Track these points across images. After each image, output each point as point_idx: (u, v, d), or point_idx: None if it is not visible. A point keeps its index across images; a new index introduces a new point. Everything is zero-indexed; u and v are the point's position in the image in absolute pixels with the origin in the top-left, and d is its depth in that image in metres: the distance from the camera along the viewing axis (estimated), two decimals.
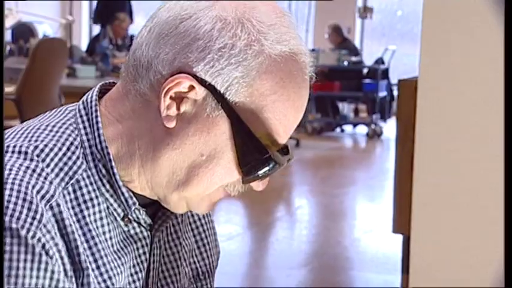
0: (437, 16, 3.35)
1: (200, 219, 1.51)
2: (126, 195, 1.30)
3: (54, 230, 1.22)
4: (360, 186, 9.45)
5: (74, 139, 1.29)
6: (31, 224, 1.19)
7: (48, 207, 1.22)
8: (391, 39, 15.31)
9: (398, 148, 5.59)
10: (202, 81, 1.24)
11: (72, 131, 1.30)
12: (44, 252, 1.20)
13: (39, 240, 1.19)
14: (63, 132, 1.30)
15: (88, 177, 1.28)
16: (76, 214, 1.26)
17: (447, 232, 3.40)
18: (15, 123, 3.06)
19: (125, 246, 1.32)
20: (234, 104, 1.25)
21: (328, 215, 7.90)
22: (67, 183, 1.26)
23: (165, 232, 1.41)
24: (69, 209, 1.26)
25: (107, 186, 1.30)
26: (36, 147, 1.27)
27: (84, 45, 13.29)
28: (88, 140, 1.29)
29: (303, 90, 1.30)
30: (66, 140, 1.29)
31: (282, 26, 1.27)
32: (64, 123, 1.31)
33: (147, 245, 1.35)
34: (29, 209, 1.20)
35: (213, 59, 1.24)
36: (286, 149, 1.33)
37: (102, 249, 1.28)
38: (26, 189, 1.21)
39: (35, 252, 1.19)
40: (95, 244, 1.27)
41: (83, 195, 1.28)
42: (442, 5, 3.33)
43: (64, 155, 1.28)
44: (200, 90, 1.25)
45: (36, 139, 1.28)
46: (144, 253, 1.35)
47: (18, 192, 1.20)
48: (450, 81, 3.37)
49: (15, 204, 1.19)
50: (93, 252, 1.27)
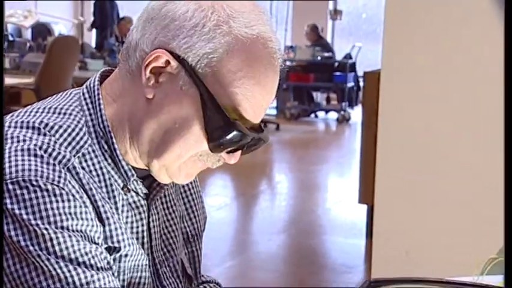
0: (397, 18, 3.38)
1: (190, 189, 1.50)
2: (126, 168, 1.30)
3: (76, 188, 1.22)
4: (331, 164, 9.44)
5: (79, 119, 1.28)
6: (58, 181, 1.19)
7: (66, 169, 1.22)
8: (358, 37, 15.26)
9: (364, 131, 5.61)
10: (176, 56, 1.23)
11: (78, 112, 1.29)
12: (77, 197, 1.21)
13: (70, 190, 1.20)
14: (70, 113, 1.29)
15: (93, 151, 1.28)
16: (83, 185, 1.25)
17: (405, 202, 3.42)
18: None
19: (126, 213, 1.31)
20: (204, 77, 1.23)
21: (304, 188, 7.89)
22: (74, 156, 1.25)
23: (160, 201, 1.39)
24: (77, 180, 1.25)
25: (109, 160, 1.29)
26: (47, 125, 1.26)
27: (93, 42, 13.20)
28: (92, 119, 1.29)
29: (269, 71, 1.26)
30: (73, 120, 1.28)
31: (252, 13, 1.25)
32: (70, 106, 1.30)
33: (144, 212, 1.34)
34: (54, 170, 1.20)
35: (185, 37, 1.23)
36: (260, 129, 1.30)
37: (107, 218, 1.27)
38: (43, 153, 1.21)
39: (69, 198, 1.19)
40: (100, 214, 1.26)
41: (89, 166, 1.27)
42: (401, 9, 3.36)
43: (73, 130, 1.27)
44: (175, 65, 1.23)
45: (47, 118, 1.28)
46: (141, 219, 1.34)
47: (39, 156, 1.20)
48: (408, 73, 3.39)
49: (41, 167, 1.19)
50: (101, 219, 1.26)
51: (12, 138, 1.24)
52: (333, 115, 13.13)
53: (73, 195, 1.20)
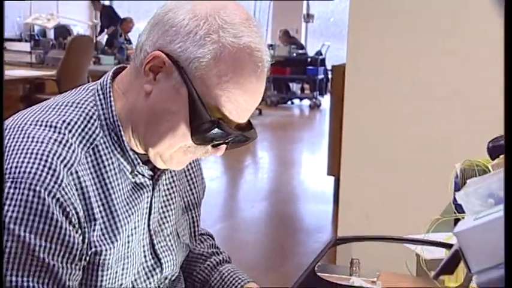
0: (359, 22, 3.38)
1: (191, 164, 1.47)
2: (133, 157, 1.27)
3: (73, 191, 1.18)
4: (305, 142, 9.45)
5: (93, 113, 1.26)
6: (53, 187, 1.16)
7: (69, 173, 1.18)
8: (327, 37, 15.22)
9: (332, 115, 5.60)
10: (171, 58, 1.20)
11: (92, 107, 1.26)
12: (59, 211, 1.16)
13: (58, 200, 1.16)
14: (85, 107, 1.26)
15: (104, 143, 1.25)
16: (96, 171, 1.23)
17: (365, 174, 3.44)
18: None
19: (133, 193, 1.29)
20: (193, 78, 1.19)
21: (282, 163, 7.90)
22: (88, 148, 1.23)
23: (163, 177, 1.36)
24: (90, 168, 1.22)
25: (118, 149, 1.26)
26: (64, 121, 1.23)
27: (104, 41, 13.10)
28: (104, 114, 1.26)
29: (253, 78, 1.20)
30: (87, 114, 1.25)
31: (242, 26, 1.20)
32: (86, 100, 1.27)
33: (149, 191, 1.32)
34: (52, 175, 1.16)
35: (180, 42, 1.19)
36: (248, 128, 1.26)
37: (116, 198, 1.25)
38: (51, 159, 1.17)
39: (49, 211, 1.15)
40: (110, 195, 1.24)
41: (101, 156, 1.24)
42: (363, 15, 3.36)
43: (86, 126, 1.24)
44: (170, 65, 1.20)
45: (64, 114, 1.25)
46: (147, 197, 1.32)
47: (45, 161, 1.17)
48: (367, 67, 3.40)
49: (42, 171, 1.16)
50: (107, 201, 1.24)
51: (32, 138, 1.20)
52: (306, 102, 13.13)
53: (60, 206, 1.16)
